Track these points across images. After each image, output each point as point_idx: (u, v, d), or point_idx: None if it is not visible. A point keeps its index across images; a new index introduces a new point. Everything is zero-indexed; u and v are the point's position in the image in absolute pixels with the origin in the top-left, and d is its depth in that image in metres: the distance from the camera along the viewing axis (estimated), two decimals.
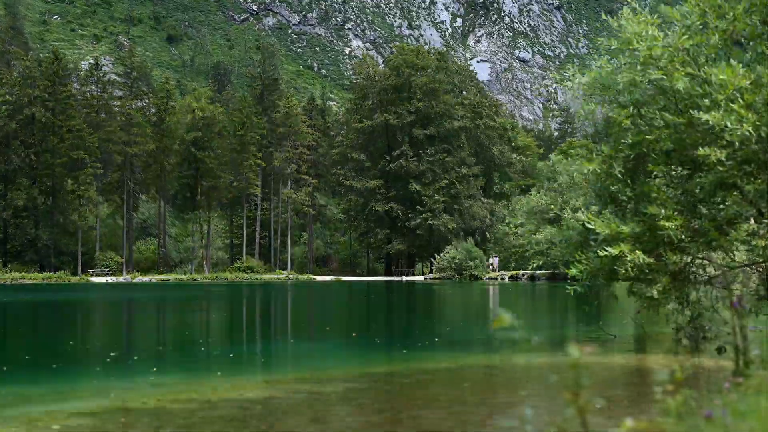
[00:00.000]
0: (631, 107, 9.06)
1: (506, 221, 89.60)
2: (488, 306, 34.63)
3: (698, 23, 8.89)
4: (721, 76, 8.04)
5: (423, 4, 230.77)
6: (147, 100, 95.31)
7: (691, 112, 8.27)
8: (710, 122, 7.93)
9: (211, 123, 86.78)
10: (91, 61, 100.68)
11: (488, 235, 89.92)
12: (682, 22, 8.98)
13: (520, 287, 56.97)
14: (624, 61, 9.34)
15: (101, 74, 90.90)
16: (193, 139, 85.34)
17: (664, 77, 8.59)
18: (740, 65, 8.42)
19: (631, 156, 9.16)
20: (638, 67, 8.90)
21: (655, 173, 9.20)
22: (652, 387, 3.78)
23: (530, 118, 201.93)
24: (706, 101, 8.11)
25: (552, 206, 75.72)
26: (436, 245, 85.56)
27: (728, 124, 7.86)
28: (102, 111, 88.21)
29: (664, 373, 3.72)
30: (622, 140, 9.16)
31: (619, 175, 9.13)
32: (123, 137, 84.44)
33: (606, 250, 9.01)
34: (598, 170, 9.33)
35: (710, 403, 4.10)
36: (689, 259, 9.91)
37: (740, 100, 7.98)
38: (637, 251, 8.85)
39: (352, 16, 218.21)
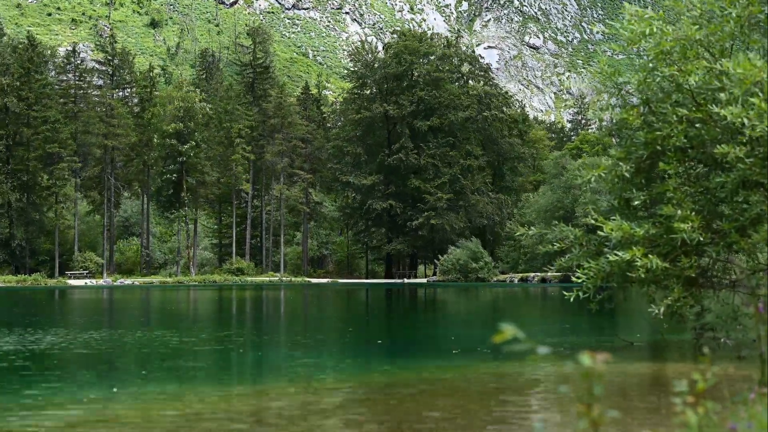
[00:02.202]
0: (642, 106, 9.11)
1: (515, 219, 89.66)
2: (495, 311, 34.68)
3: (708, 11, 8.92)
4: (738, 69, 8.04)
5: None
6: (129, 90, 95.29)
7: (709, 107, 8.29)
8: (728, 118, 7.94)
9: (197, 114, 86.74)
10: (69, 47, 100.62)
11: (500, 233, 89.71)
12: (691, 13, 9.02)
13: (529, 290, 57.04)
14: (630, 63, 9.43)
15: (79, 61, 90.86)
16: (177, 132, 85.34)
17: (678, 73, 8.63)
18: (759, 57, 8.43)
19: (644, 156, 9.21)
20: (649, 65, 8.95)
21: (669, 172, 9.24)
22: (671, 398, 3.81)
23: (541, 108, 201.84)
24: (723, 95, 8.11)
25: (560, 205, 75.92)
26: (440, 245, 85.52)
27: (747, 119, 7.86)
28: (80, 101, 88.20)
29: (684, 383, 3.75)
30: (634, 140, 9.21)
31: (628, 175, 9.17)
32: (103, 129, 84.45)
33: (617, 255, 9.06)
34: (605, 174, 9.38)
35: (734, 416, 4.14)
36: (710, 263, 9.96)
37: (760, 93, 7.98)
38: (650, 256, 8.89)
39: None
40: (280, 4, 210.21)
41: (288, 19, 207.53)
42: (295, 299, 43.74)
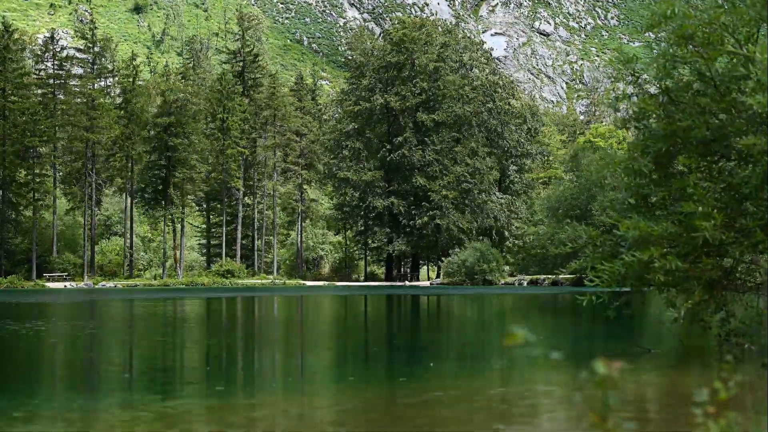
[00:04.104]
0: (661, 95, 9.09)
1: (524, 217, 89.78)
2: (503, 315, 34.72)
3: None
4: (765, 55, 8.02)
5: None
6: (111, 79, 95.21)
7: (733, 95, 8.26)
8: (754, 107, 7.92)
9: (185, 105, 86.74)
10: (47, 34, 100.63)
11: (506, 234, 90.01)
12: None
13: (540, 294, 57.10)
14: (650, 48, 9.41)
15: (58, 49, 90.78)
16: (164, 124, 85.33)
17: (700, 59, 8.60)
18: None
19: (663, 149, 9.19)
20: (669, 51, 8.92)
21: (690, 166, 9.22)
22: (691, 408, 3.81)
23: (552, 99, 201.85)
24: (749, 83, 8.08)
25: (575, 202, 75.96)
26: (445, 246, 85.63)
27: None
28: (60, 91, 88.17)
29: (705, 393, 3.74)
30: (652, 132, 9.19)
31: (645, 170, 9.15)
32: (84, 121, 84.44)
33: (633, 256, 9.03)
34: (622, 170, 9.37)
35: (758, 427, 4.14)
36: (733, 264, 9.93)
37: None
38: (669, 256, 8.86)
39: None
40: None
41: (281, 3, 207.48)
42: (290, 319, 43.79)
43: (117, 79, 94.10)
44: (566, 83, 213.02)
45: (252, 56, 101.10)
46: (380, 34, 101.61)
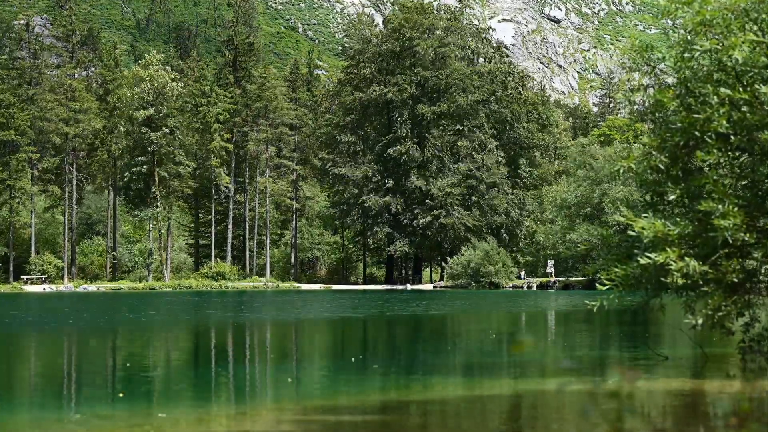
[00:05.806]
0: (679, 86, 9.09)
1: (533, 216, 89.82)
2: (516, 318, 34.73)
3: None
4: None
5: None
6: (92, 69, 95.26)
7: (755, 86, 8.27)
8: None
9: (170, 96, 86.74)
10: (24, 21, 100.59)
11: (518, 233, 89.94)
12: None
13: (551, 297, 57.14)
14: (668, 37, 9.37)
15: (35, 37, 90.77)
16: (148, 117, 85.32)
17: (719, 48, 8.60)
18: None
19: (681, 144, 9.19)
20: (687, 38, 8.92)
21: (710, 162, 9.22)
22: (712, 419, 3.83)
23: (563, 90, 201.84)
24: None
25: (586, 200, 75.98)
26: (450, 246, 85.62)
27: None
28: (37, 82, 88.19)
29: (727, 403, 3.76)
30: (670, 125, 9.19)
31: (662, 166, 9.15)
32: (63, 114, 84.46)
33: (648, 257, 9.02)
34: (636, 166, 9.36)
35: None
36: (756, 266, 9.92)
37: None
38: (687, 258, 8.86)
39: None
40: None
41: None
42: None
43: (98, 69, 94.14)
44: (578, 73, 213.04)
45: (246, 44, 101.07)
46: (383, 21, 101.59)
